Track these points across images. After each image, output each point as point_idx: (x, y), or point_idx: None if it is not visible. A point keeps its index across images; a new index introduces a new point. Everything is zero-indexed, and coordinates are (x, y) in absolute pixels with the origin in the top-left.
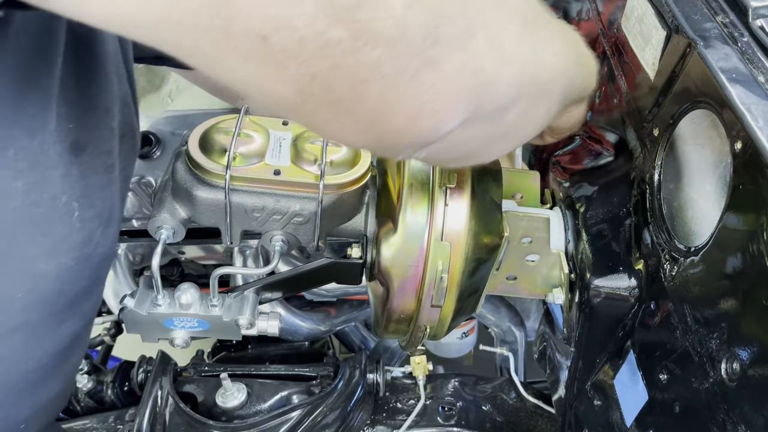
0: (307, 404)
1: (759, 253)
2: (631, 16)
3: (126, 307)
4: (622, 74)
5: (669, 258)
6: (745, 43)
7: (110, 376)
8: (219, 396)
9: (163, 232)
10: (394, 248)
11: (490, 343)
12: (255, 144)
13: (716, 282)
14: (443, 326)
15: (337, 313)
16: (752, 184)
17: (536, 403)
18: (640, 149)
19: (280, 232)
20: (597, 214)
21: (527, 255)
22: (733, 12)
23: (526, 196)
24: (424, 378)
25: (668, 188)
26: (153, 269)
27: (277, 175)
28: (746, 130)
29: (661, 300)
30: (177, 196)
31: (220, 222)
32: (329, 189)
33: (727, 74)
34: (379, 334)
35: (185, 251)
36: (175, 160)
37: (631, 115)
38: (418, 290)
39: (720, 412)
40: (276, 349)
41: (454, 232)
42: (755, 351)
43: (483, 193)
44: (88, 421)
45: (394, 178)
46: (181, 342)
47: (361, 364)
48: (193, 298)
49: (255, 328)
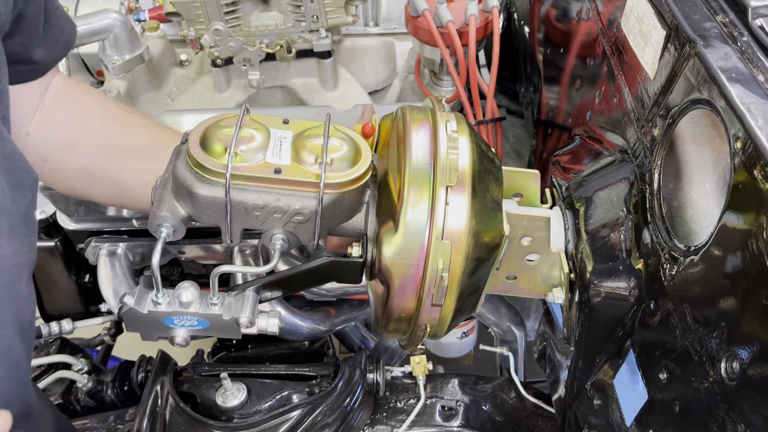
0: (307, 404)
1: (759, 253)
2: (631, 15)
3: (126, 306)
4: (622, 74)
5: (669, 257)
6: (744, 43)
7: (110, 376)
8: (219, 396)
9: (163, 230)
10: (394, 247)
11: (490, 343)
12: (256, 142)
13: (716, 281)
14: (443, 325)
15: (337, 312)
16: (752, 184)
17: (536, 403)
18: (640, 149)
19: (280, 231)
20: (597, 213)
21: (527, 254)
22: (733, 11)
23: (527, 195)
24: (424, 378)
25: (668, 188)
26: (153, 267)
27: (278, 173)
28: (746, 129)
29: (661, 299)
30: (177, 194)
31: (220, 220)
32: (330, 188)
33: (727, 74)
34: (379, 332)
35: (185, 251)
36: (176, 158)
37: (631, 115)
38: (419, 289)
39: (720, 412)
40: (276, 349)
41: (454, 230)
42: (755, 350)
43: (483, 192)
44: (88, 420)
45: (395, 177)
46: (180, 341)
47: (361, 364)
48: (193, 296)
49: (255, 326)
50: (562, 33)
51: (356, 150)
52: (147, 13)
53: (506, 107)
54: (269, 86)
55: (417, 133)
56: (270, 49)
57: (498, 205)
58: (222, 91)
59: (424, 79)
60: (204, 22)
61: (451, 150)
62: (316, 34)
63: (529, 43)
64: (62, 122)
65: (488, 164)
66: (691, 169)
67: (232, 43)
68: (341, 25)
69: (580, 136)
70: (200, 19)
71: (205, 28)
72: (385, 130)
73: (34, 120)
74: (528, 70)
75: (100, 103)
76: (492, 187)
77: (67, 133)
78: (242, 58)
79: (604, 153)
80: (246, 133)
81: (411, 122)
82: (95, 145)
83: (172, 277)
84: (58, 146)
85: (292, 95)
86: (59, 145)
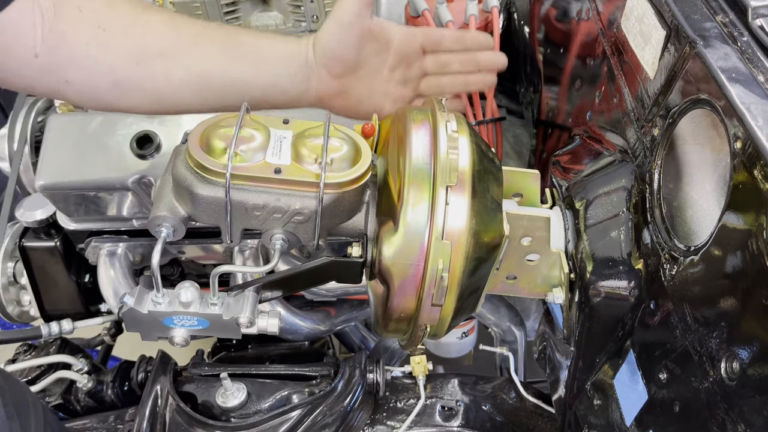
0: (307, 404)
1: (759, 253)
2: (631, 15)
3: (126, 306)
4: (622, 74)
5: (669, 257)
6: (744, 43)
7: (110, 376)
8: (219, 396)
9: (163, 230)
10: (394, 247)
11: (490, 343)
12: (256, 142)
13: (716, 281)
14: (443, 325)
15: (337, 312)
16: (752, 184)
17: (536, 403)
18: (640, 149)
19: (280, 231)
20: (597, 213)
21: (527, 254)
22: (733, 11)
23: (527, 195)
24: (424, 378)
25: (668, 188)
26: (153, 267)
27: (278, 173)
28: (746, 129)
29: (661, 299)
30: (177, 194)
31: (220, 220)
32: (330, 188)
33: (727, 74)
34: (380, 332)
35: (185, 251)
36: (176, 158)
37: (631, 115)
38: (419, 289)
39: (720, 412)
40: (276, 349)
41: (454, 230)
42: (755, 350)
43: (483, 192)
44: (88, 420)
45: (395, 177)
46: (180, 340)
47: (361, 364)
48: (193, 296)
49: (255, 326)
50: (562, 33)
51: (356, 150)
52: None
53: (506, 107)
54: None
55: (417, 133)
56: None
57: (498, 205)
58: None
59: None
60: None
61: (451, 150)
62: None
63: (529, 43)
64: (73, 36)
65: (488, 164)
66: (691, 169)
67: None
68: None
69: (580, 136)
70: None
71: None
72: (385, 130)
73: (38, 38)
74: (528, 70)
75: (111, 6)
76: (492, 187)
77: (83, 47)
78: None
79: (604, 153)
80: (246, 133)
81: (411, 122)
82: (119, 55)
83: (172, 277)
84: (78, 63)
85: None
86: (78, 62)
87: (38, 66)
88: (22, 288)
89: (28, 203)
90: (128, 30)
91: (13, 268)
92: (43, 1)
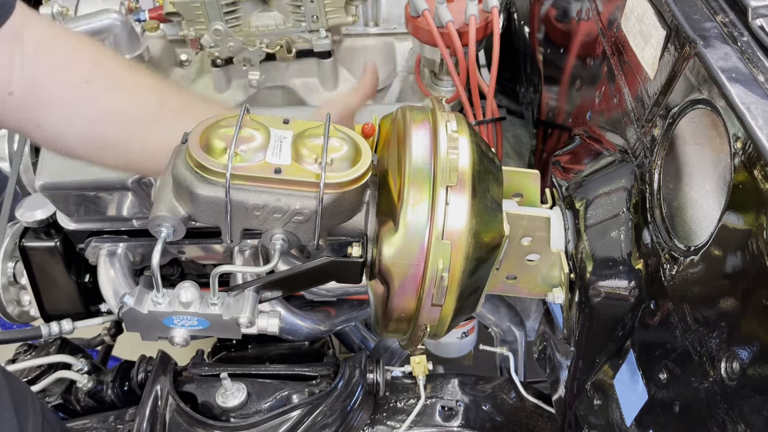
0: (307, 404)
1: (759, 253)
2: (631, 15)
3: (126, 306)
4: (622, 74)
5: (669, 257)
6: (744, 43)
7: (110, 376)
8: (219, 396)
9: (163, 230)
10: (394, 247)
11: (490, 343)
12: (256, 142)
13: (716, 281)
14: (443, 325)
15: (337, 313)
16: (752, 184)
17: (536, 403)
18: (640, 149)
19: (280, 231)
20: (597, 213)
21: (527, 254)
22: (733, 11)
23: (527, 195)
24: (424, 378)
25: (668, 188)
26: (153, 267)
27: (278, 173)
28: (746, 129)
29: (661, 299)
30: (177, 194)
31: (220, 220)
32: (330, 188)
33: (727, 73)
34: (380, 332)
35: (185, 251)
36: (176, 157)
37: (631, 115)
38: (419, 289)
39: (720, 412)
40: (276, 349)
41: (454, 230)
42: (755, 350)
43: (484, 192)
44: (88, 420)
45: (395, 176)
46: (180, 340)
47: (361, 364)
48: (193, 296)
49: (255, 326)
50: (562, 33)
51: (356, 150)
52: (147, 13)
53: (506, 107)
54: (269, 86)
55: (417, 133)
56: (270, 49)
57: (498, 205)
58: (222, 91)
59: (424, 79)
60: (204, 22)
61: (451, 150)
62: (316, 34)
63: (529, 43)
64: (56, 83)
65: (488, 164)
66: (691, 169)
67: (232, 43)
68: (341, 25)
69: (580, 136)
70: (200, 19)
71: (205, 28)
72: (385, 130)
73: (14, 77)
74: (528, 70)
75: (99, 62)
76: (492, 187)
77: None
78: (242, 58)
79: (604, 153)
80: (246, 133)
81: (411, 122)
82: (97, 111)
83: (172, 277)
84: (52, 109)
85: (292, 95)
86: (54, 109)
87: (12, 103)
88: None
89: (28, 203)
90: (112, 89)
91: (13, 268)
92: (27, 44)
